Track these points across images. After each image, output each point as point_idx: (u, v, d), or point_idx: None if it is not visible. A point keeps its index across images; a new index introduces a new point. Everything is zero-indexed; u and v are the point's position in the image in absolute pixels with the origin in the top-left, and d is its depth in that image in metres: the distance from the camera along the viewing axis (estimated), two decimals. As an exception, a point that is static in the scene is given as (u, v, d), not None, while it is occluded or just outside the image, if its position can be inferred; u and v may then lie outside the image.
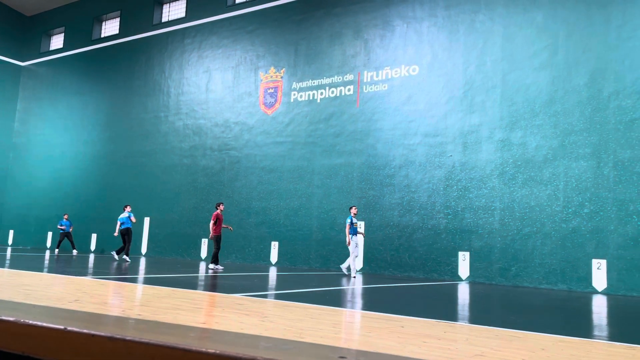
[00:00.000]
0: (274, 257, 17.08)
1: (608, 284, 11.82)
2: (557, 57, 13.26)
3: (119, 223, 16.10)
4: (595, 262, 12.05)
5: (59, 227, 19.25)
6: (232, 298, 6.54)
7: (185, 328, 1.58)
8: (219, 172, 18.98)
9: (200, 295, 6.77)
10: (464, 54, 14.66)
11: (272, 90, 18.23)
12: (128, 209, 16.36)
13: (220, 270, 12.94)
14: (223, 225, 13.90)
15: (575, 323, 6.20)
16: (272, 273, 12.88)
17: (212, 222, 13.59)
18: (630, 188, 11.88)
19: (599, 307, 8.52)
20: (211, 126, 19.52)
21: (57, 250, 19.09)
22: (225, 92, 19.42)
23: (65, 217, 19.52)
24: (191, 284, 8.44)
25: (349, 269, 13.05)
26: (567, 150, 12.78)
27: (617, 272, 11.77)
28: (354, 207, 13.37)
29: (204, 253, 18.73)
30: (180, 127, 20.37)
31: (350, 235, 12.69)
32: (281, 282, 10.13)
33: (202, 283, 9.02)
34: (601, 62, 12.64)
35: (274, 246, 17.14)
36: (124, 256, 15.55)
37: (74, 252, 16.51)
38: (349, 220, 12.83)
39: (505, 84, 13.90)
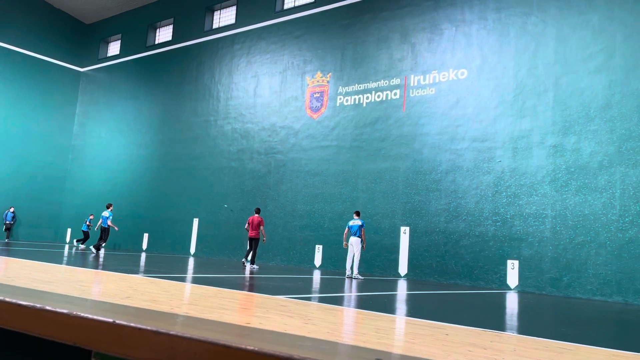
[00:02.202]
0: (317, 260, 17.13)
1: (669, 298, 11.18)
2: (614, 60, 12.70)
3: (100, 220, 17.19)
4: (654, 275, 11.42)
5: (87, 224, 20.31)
6: (276, 300, 6.61)
7: (227, 325, 1.61)
8: (265, 175, 19.25)
9: (246, 296, 6.88)
10: (514, 57, 14.28)
11: (319, 95, 18.34)
12: (110, 208, 17.39)
13: (251, 269, 13.15)
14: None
15: (632, 337, 5.90)
16: (316, 276, 12.93)
17: (262, 226, 14.24)
18: (695, 197, 11.20)
19: (659, 322, 8.07)
20: (258, 130, 19.83)
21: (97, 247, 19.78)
22: (273, 97, 19.69)
23: (91, 217, 20.62)
24: (237, 285, 8.59)
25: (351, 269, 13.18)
26: (624, 157, 12.21)
27: (679, 286, 11.11)
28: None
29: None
30: (229, 130, 20.80)
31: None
32: (325, 286, 10.15)
33: (247, 284, 9.17)
34: (663, 64, 12.01)
35: (318, 249, 17.19)
36: (91, 246, 16.91)
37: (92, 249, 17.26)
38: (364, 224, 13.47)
39: (558, 87, 13.44)
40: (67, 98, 27.38)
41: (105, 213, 17.48)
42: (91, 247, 17.14)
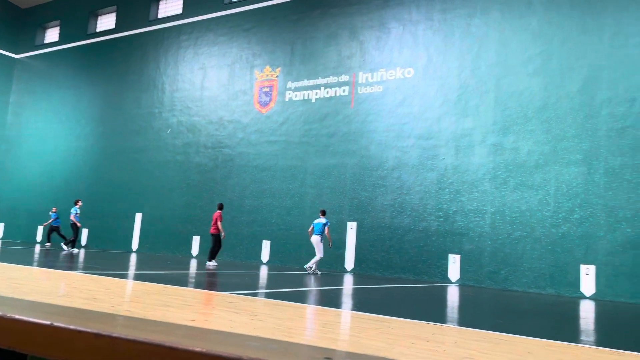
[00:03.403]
0: (265, 255, 17.07)
1: (596, 289, 11.92)
2: (551, 63, 13.34)
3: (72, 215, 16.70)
4: (584, 268, 12.14)
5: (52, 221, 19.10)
6: (223, 296, 6.53)
7: (173, 326, 1.58)
8: (212, 170, 18.95)
9: (191, 293, 6.76)
10: (458, 58, 14.73)
11: (268, 89, 18.23)
12: (78, 204, 16.88)
13: (214, 267, 12.95)
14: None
15: (563, 328, 6.25)
16: (263, 272, 12.89)
17: (219, 222, 13.95)
18: (620, 195, 11.98)
19: (587, 312, 8.59)
20: (205, 124, 19.48)
21: (48, 244, 18.95)
22: (220, 90, 19.39)
23: (54, 210, 19.34)
24: (182, 281, 8.42)
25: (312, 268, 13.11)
26: (558, 156, 12.87)
27: (606, 277, 11.87)
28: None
29: (195, 250, 18.69)
30: (174, 123, 20.31)
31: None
32: (272, 281, 10.13)
33: (193, 280, 9.01)
34: (594, 70, 12.74)
35: (266, 245, 17.13)
36: (70, 247, 16.35)
37: (64, 247, 16.48)
38: (328, 223, 13.36)
39: (499, 88, 13.98)
40: (-1, 86, 25.83)
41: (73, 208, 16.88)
42: (70, 247, 16.52)
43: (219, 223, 13.91)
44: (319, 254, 12.99)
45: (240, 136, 18.54)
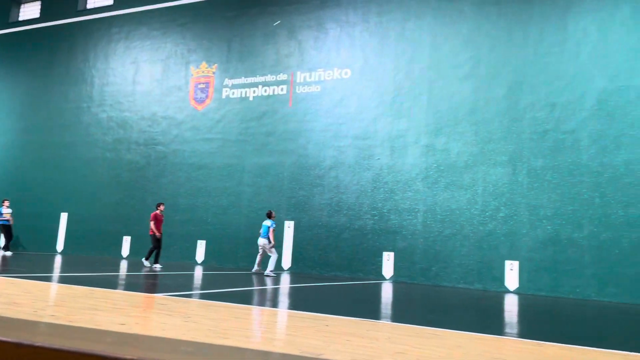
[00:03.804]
0: (200, 256, 16.74)
1: (519, 284, 12.62)
2: (479, 68, 13.97)
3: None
4: (508, 263, 12.81)
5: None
6: (155, 298, 6.34)
7: (101, 332, 1.52)
8: (144, 168, 18.33)
9: (120, 295, 6.51)
10: (393, 61, 15.10)
11: (203, 86, 17.87)
12: (6, 203, 15.83)
13: (148, 268, 12.53)
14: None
15: (489, 321, 6.57)
16: (198, 272, 12.63)
17: (152, 222, 13.47)
18: (541, 194, 12.74)
19: (511, 305, 9.07)
20: (137, 119, 18.81)
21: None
22: (154, 85, 18.79)
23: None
24: (111, 283, 8.09)
25: (274, 270, 13.14)
26: (486, 157, 13.50)
27: (528, 272, 12.59)
28: (273, 211, 13.69)
29: (125, 251, 18.01)
30: (104, 119, 19.47)
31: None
32: (207, 282, 9.95)
33: (123, 282, 8.68)
34: (519, 75, 13.46)
35: (201, 245, 16.80)
36: (5, 252, 15.41)
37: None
38: (274, 225, 13.23)
39: (431, 91, 14.46)
40: None
41: (3, 209, 15.59)
42: (5, 252, 15.31)
43: (151, 223, 13.51)
44: (273, 255, 12.96)
45: (174, 133, 18.06)
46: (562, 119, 12.81)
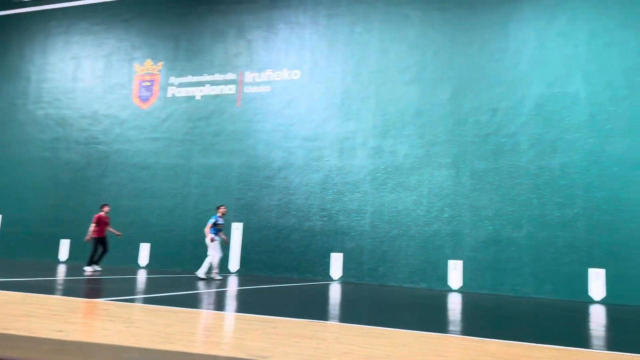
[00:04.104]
0: (143, 259, 16.25)
1: (463, 282, 13.02)
2: (425, 73, 14.32)
3: None
4: (451, 263, 13.20)
5: None
6: (95, 303, 6.09)
7: (37, 340, 1.43)
8: (85, 168, 17.61)
9: (58, 301, 6.21)
10: (342, 63, 15.23)
11: (148, 84, 17.37)
12: None
13: (90, 272, 12.02)
14: (111, 230, 13.30)
15: (434, 319, 6.73)
16: (141, 276, 12.25)
17: (93, 224, 12.90)
18: (483, 196, 13.20)
19: (455, 304, 9.34)
20: (77, 117, 18.05)
21: None
22: (95, 82, 18.09)
23: None
24: (49, 289, 7.71)
25: (207, 273, 12.17)
26: (431, 160, 13.85)
27: (470, 272, 13.01)
28: (222, 207, 12.51)
29: (63, 255, 17.23)
30: (41, 116, 18.56)
31: (211, 235, 12.08)
32: (151, 286, 9.66)
33: (61, 287, 8.29)
34: (462, 81, 13.90)
35: (144, 248, 16.31)
36: None
37: None
38: (212, 220, 12.20)
39: (379, 94, 14.69)
40: None
41: None
42: None
43: (92, 225, 13.02)
44: (208, 256, 12.12)
45: (117, 132, 17.45)
46: (502, 123, 13.33)
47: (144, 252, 16.30)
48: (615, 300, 11.60)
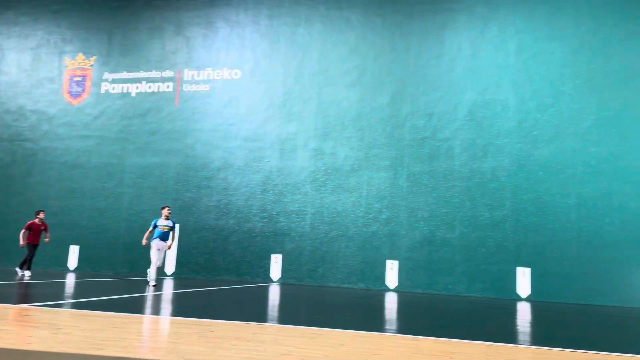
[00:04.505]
0: (72, 262, 15.49)
1: (399, 282, 13.33)
2: (365, 76, 14.57)
3: None
4: (389, 263, 13.49)
5: None
6: (19, 309, 5.74)
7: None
8: (9, 166, 16.57)
9: (-24, 308, 5.79)
10: (284, 64, 15.22)
11: (80, 79, 16.60)
12: None
13: (20, 276, 11.31)
14: (47, 236, 12.54)
15: (371, 319, 6.84)
16: (70, 280, 11.67)
17: (23, 231, 12.14)
18: (419, 198, 13.60)
19: (391, 303, 9.54)
20: (1, 113, 16.96)
21: None
22: (21, 76, 17.08)
23: None
24: (-36, 296, 7.17)
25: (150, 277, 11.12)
26: (370, 162, 14.11)
27: (406, 271, 13.35)
28: (164, 208, 11.33)
29: (-16, 259, 16.11)
30: (-41, 110, 17.28)
31: (148, 240, 11.09)
32: (80, 290, 9.22)
33: (-20, 294, 7.74)
34: (401, 85, 14.26)
35: (74, 250, 15.55)
36: None
37: None
38: (153, 222, 11.15)
39: (320, 96, 14.80)
40: None
41: None
42: None
43: (22, 232, 12.32)
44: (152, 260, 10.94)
45: (45, 129, 16.55)
46: (438, 127, 13.79)
47: (73, 255, 15.54)
48: (540, 298, 12.28)
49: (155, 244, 10.86)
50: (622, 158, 12.42)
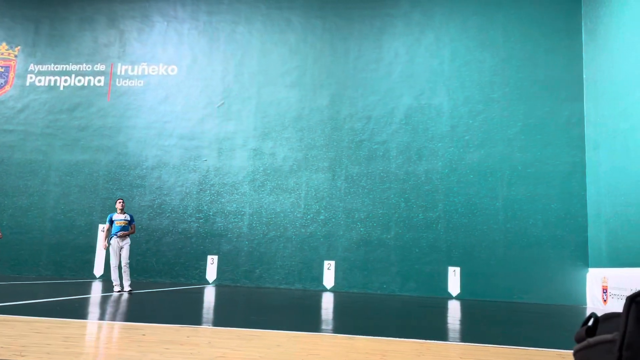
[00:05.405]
0: (-8, 264, 14.49)
1: (335, 282, 13.47)
2: (305, 77, 14.62)
3: None
4: (326, 263, 13.60)
5: None
6: None
7: None
8: None
9: None
10: (223, 62, 14.99)
11: (3, 70, 15.58)
12: None
13: None
14: None
15: (307, 319, 6.87)
16: (-11, 284, 10.91)
17: None
18: (357, 199, 13.81)
19: (327, 303, 9.63)
20: None
21: None
22: None
23: None
24: None
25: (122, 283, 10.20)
26: (309, 163, 14.17)
27: (343, 271, 13.51)
28: (118, 201, 10.41)
29: None
30: None
31: (106, 239, 10.35)
32: (0, 293, 8.64)
33: None
34: (340, 88, 14.42)
35: (-7, 252, 14.55)
36: None
37: None
38: (108, 218, 10.36)
39: (260, 96, 14.69)
40: None
41: None
42: None
43: None
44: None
45: (-38, 121, 15.38)
46: (375, 130, 14.06)
47: (-8, 257, 14.54)
48: (469, 296, 12.81)
49: (113, 242, 10.12)
50: (546, 163, 13.19)
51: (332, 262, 13.58)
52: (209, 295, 10.16)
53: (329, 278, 13.53)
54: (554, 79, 13.45)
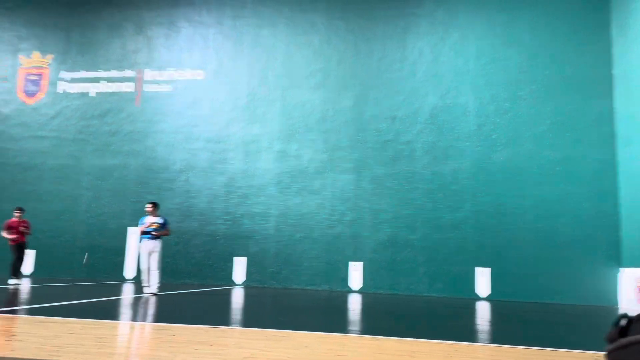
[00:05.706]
0: (28, 267, 14.94)
1: (363, 283, 13.45)
2: (329, 79, 14.65)
3: None
4: (352, 264, 13.59)
5: None
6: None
7: None
8: (-41, 167, 15.86)
9: None
10: (248, 66, 15.14)
11: (36, 78, 16.06)
12: None
13: (13, 285, 10.85)
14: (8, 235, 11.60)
15: (334, 320, 6.89)
16: (25, 286, 11.27)
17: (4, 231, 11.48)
18: (382, 200, 13.76)
19: (354, 304, 9.62)
20: (-50, 111, 16.23)
21: None
22: (-27, 73, 16.38)
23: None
24: None
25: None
26: (334, 164, 14.19)
27: (370, 272, 13.48)
28: (147, 206, 10.18)
29: None
30: None
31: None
32: (36, 296, 8.92)
33: None
34: (364, 88, 14.40)
35: (29, 255, 15.00)
36: None
37: None
38: (140, 222, 10.19)
39: (284, 99, 14.79)
40: None
41: None
42: None
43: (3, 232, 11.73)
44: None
45: (-2, 129, 15.91)
46: (400, 131, 14.00)
47: (29, 260, 15.00)
48: (499, 297, 12.63)
49: (142, 246, 9.96)
50: (576, 161, 12.92)
51: (359, 264, 13.56)
52: (237, 297, 10.28)
53: (355, 279, 13.52)
54: (581, 75, 13.16)
